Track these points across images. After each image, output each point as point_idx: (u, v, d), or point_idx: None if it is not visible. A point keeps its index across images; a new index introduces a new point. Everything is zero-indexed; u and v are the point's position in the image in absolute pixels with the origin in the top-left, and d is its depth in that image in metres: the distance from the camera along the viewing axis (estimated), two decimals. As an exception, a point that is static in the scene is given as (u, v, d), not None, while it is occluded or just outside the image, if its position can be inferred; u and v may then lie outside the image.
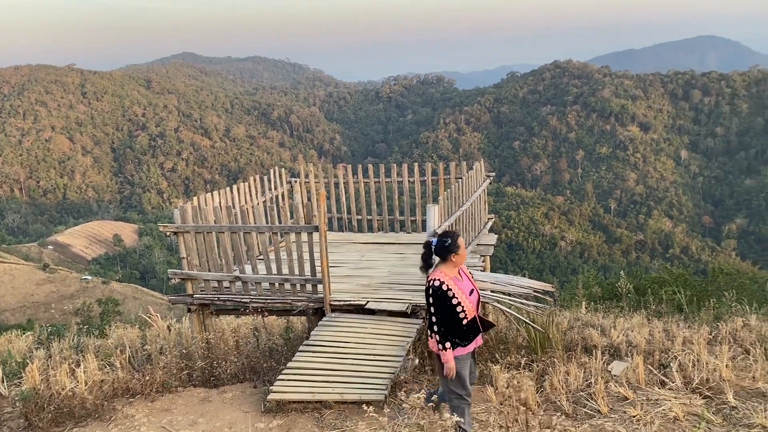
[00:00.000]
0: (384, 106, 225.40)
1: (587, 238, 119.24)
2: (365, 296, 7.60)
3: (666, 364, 6.58)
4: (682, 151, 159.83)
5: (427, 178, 10.15)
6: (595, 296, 18.33)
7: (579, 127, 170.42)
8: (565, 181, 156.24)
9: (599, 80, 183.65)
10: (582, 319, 9.71)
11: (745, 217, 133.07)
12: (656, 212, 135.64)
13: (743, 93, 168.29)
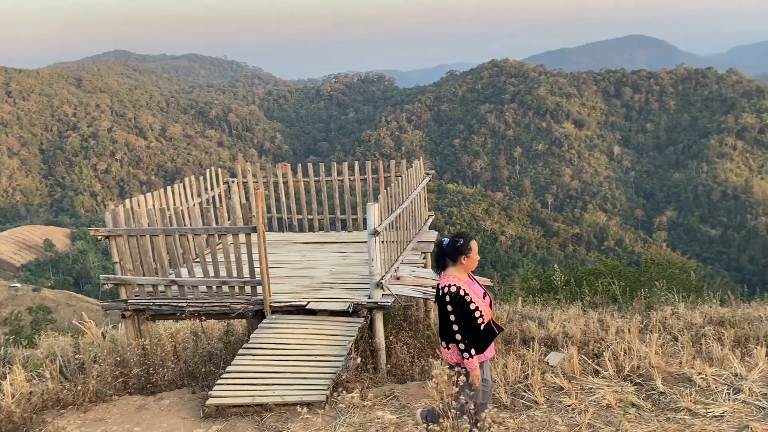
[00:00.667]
0: (325, 104, 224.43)
1: (526, 232, 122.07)
2: (306, 296, 7.54)
3: (599, 354, 6.80)
4: (614, 147, 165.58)
5: (368, 176, 10.14)
6: (534, 289, 18.78)
7: (516, 125, 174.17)
8: (504, 177, 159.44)
9: (535, 78, 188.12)
10: (521, 312, 9.93)
11: (675, 210, 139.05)
12: (591, 206, 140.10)
13: (671, 90, 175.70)
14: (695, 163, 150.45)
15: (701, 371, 6.11)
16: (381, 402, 5.89)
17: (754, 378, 5.92)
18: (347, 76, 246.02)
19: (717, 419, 5.28)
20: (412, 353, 7.24)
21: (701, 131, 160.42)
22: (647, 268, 24.30)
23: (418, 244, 9.38)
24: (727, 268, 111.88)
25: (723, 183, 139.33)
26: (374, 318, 7.17)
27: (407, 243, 8.71)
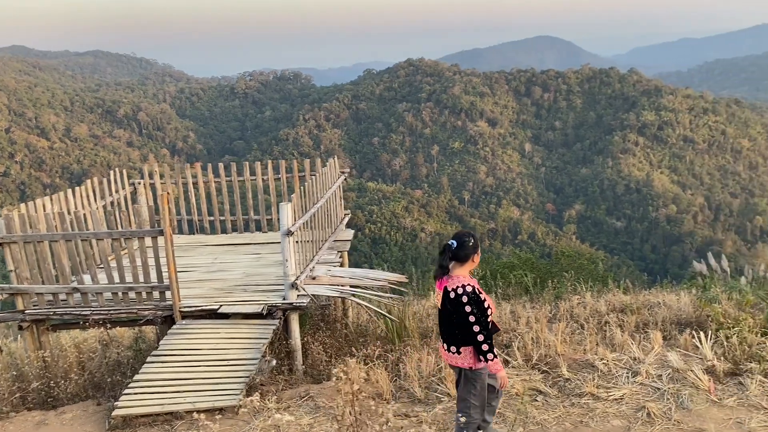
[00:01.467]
0: (240, 103, 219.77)
1: (445, 228, 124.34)
2: (218, 300, 7.36)
3: (509, 344, 7.01)
4: (526, 144, 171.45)
5: (282, 175, 10.02)
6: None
7: (433, 123, 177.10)
8: (423, 175, 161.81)
9: (450, 78, 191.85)
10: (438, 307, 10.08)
11: (583, 204, 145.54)
12: (505, 202, 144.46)
13: (577, 89, 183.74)
14: (601, 159, 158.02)
15: (603, 357, 6.43)
16: (296, 403, 5.84)
17: (651, 361, 6.29)
18: (263, 73, 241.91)
19: (617, 402, 5.57)
20: (330, 353, 7.22)
21: (606, 128, 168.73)
22: (558, 260, 25.32)
23: (334, 243, 9.35)
24: (631, 258, 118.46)
25: (626, 177, 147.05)
26: (289, 319, 7.09)
27: (323, 242, 8.67)
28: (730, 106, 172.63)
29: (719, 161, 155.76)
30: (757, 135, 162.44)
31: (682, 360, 6.25)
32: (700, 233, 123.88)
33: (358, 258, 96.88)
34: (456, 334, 4.53)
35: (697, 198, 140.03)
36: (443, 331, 4.70)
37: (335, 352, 7.22)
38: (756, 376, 5.80)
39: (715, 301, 8.15)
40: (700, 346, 6.45)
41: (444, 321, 4.65)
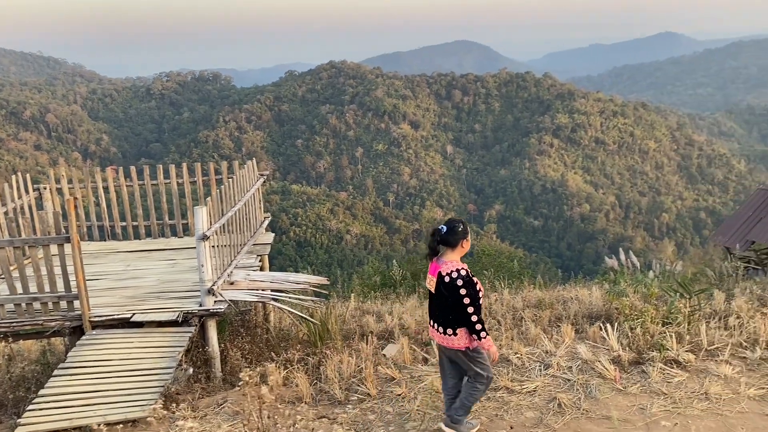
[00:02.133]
0: (157, 104, 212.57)
1: (370, 230, 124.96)
2: (131, 308, 7.09)
3: (428, 342, 7.13)
4: (447, 147, 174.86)
5: (198, 178, 9.77)
6: (376, 285, 19.25)
7: (357, 126, 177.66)
8: (348, 177, 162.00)
9: (372, 80, 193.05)
10: (362, 308, 10.13)
11: (502, 204, 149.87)
12: (429, 203, 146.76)
13: (495, 93, 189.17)
14: (519, 160, 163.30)
15: (518, 351, 6.64)
16: (213, 411, 5.71)
17: (562, 354, 6.55)
18: (180, 74, 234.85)
19: (530, 394, 5.77)
20: (250, 358, 7.10)
21: (523, 131, 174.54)
22: (479, 259, 25.97)
23: (253, 246, 9.21)
24: (549, 255, 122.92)
25: (543, 178, 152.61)
26: (207, 326, 6.93)
27: (241, 246, 8.52)
28: (637, 109, 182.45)
29: (628, 161, 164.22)
30: (662, 136, 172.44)
31: (590, 352, 6.55)
32: (612, 230, 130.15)
33: (283, 262, 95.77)
34: (450, 316, 4.71)
35: (609, 197, 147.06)
36: (437, 315, 4.86)
37: (255, 358, 7.12)
38: (657, 363, 6.15)
39: (623, 295, 8.58)
40: (608, 338, 6.77)
41: (438, 305, 4.81)
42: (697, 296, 7.81)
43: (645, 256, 52.84)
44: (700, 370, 6.08)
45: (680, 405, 5.42)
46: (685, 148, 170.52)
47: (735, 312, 7.41)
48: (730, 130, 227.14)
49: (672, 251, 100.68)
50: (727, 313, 7.44)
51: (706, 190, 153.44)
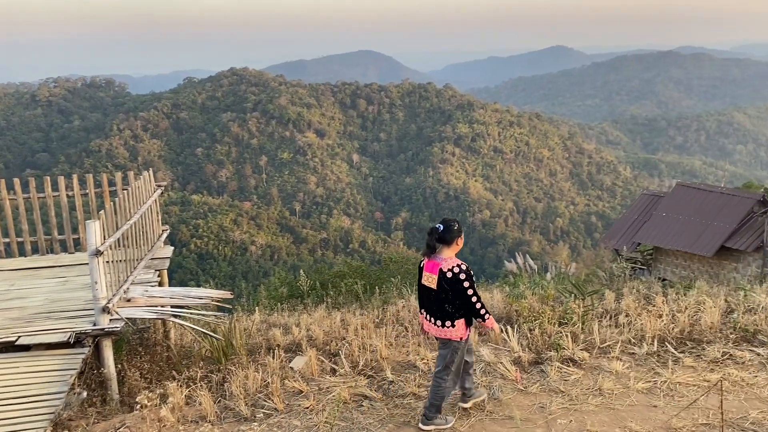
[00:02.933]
0: (44, 111, 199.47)
1: (276, 240, 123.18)
2: (16, 331, 6.60)
3: (336, 352, 7.11)
4: (353, 155, 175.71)
5: (90, 190, 9.25)
6: (282, 297, 18.98)
7: (260, 134, 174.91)
8: (252, 186, 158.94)
9: (276, 88, 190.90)
10: (268, 321, 9.95)
11: (408, 211, 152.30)
12: (336, 211, 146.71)
13: (399, 103, 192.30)
14: (423, 169, 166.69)
15: (424, 357, 6.75)
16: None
17: (466, 357, 6.73)
18: (69, 80, 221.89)
19: (437, 398, 5.87)
20: (149, 378, 6.79)
21: (426, 140, 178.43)
22: (387, 266, 26.23)
23: (151, 261, 8.83)
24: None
25: (446, 186, 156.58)
26: (102, 346, 6.55)
27: (138, 261, 8.14)
28: (532, 120, 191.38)
29: (524, 169, 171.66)
30: (555, 145, 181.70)
31: (493, 354, 6.76)
32: (511, 235, 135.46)
33: (184, 275, 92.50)
34: (449, 309, 5.14)
35: (507, 203, 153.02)
36: (434, 310, 5.24)
37: (155, 378, 6.81)
38: (554, 363, 6.45)
39: (522, 297, 8.93)
40: (508, 340, 7.02)
41: (437, 300, 5.19)
42: (590, 296, 8.27)
43: (542, 259, 55.44)
44: (594, 367, 6.42)
45: (576, 402, 5.70)
46: (576, 156, 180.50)
47: (624, 310, 7.90)
48: (617, 138, 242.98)
49: (566, 254, 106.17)
50: (617, 312, 7.92)
51: (596, 196, 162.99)
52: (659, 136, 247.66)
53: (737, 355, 6.51)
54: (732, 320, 7.49)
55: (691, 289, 9.70)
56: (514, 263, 13.40)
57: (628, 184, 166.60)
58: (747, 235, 22.98)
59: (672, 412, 5.41)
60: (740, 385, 5.87)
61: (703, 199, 24.58)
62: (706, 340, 6.99)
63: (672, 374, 6.10)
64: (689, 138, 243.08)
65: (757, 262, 22.75)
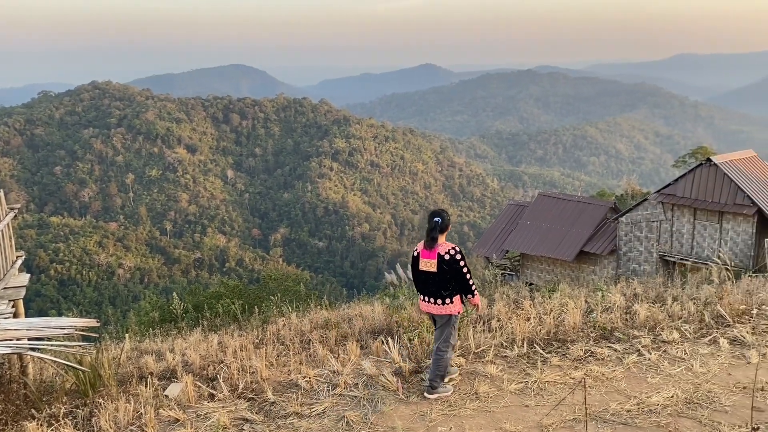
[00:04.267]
0: None
1: (146, 262, 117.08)
2: None
3: (214, 377, 6.86)
4: (228, 171, 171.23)
5: (-73, 216, 8.31)
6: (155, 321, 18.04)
7: (126, 150, 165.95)
8: (118, 206, 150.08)
9: (142, 103, 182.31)
10: (140, 348, 9.42)
11: (287, 227, 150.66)
12: (210, 229, 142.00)
13: (274, 117, 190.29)
14: (301, 184, 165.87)
15: (306, 375, 6.69)
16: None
17: (348, 372, 6.75)
18: None
19: (319, 416, 5.84)
20: (4, 419, 6.19)
21: (303, 154, 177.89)
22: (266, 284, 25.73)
23: (4, 291, 8.07)
24: (334, 275, 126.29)
25: (325, 200, 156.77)
26: (-56, 388, 5.88)
27: (-12, 291, 7.41)
28: (406, 135, 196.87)
29: (401, 182, 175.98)
30: (429, 159, 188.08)
31: (375, 366, 6.84)
32: (390, 247, 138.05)
33: (43, 304, 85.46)
34: (449, 288, 5.94)
35: (386, 216, 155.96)
36: (433, 291, 6.02)
37: (11, 418, 6.23)
38: (434, 370, 6.62)
39: (402, 308, 9.13)
40: (390, 351, 7.13)
41: (436, 281, 5.97)
42: (464, 304, 8.60)
43: (420, 269, 57.00)
44: (471, 372, 6.68)
45: (455, 407, 5.89)
46: (448, 170, 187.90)
47: (496, 315, 8.30)
48: (484, 152, 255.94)
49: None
50: (490, 317, 8.30)
51: (468, 207, 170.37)
52: (522, 150, 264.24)
53: (598, 352, 7.04)
54: (592, 319, 8.09)
55: (555, 292, 10.39)
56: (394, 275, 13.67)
57: (496, 195, 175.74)
58: (602, 239, 25.00)
59: (543, 410, 5.74)
60: (601, 380, 6.35)
61: (562, 208, 26.45)
62: (570, 339, 7.50)
63: (541, 374, 6.48)
64: (548, 151, 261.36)
65: (612, 264, 24.81)
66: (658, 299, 9.25)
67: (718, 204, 21.58)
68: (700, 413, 5.50)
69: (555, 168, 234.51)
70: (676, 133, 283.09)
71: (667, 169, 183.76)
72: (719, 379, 6.21)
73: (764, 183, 22.34)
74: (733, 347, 7.08)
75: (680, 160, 51.26)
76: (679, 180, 22.81)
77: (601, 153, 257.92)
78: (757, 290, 9.34)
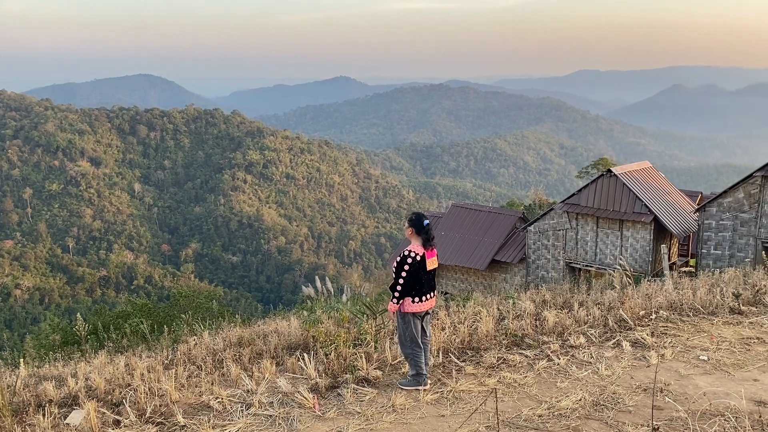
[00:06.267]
0: None
1: (47, 282, 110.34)
2: None
3: (120, 401, 6.51)
4: (135, 185, 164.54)
5: None
6: (55, 345, 17.00)
7: (23, 163, 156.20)
8: (14, 222, 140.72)
9: (41, 113, 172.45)
10: (38, 374, 8.84)
11: (199, 242, 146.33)
12: (117, 246, 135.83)
13: (184, 129, 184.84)
14: (213, 197, 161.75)
15: (218, 395, 6.46)
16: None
17: (263, 390, 6.58)
18: None
19: (233, 438, 5.65)
20: None
21: (215, 167, 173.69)
22: (177, 301, 24.80)
23: None
24: (249, 290, 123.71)
25: (239, 213, 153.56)
26: None
27: None
28: (321, 147, 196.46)
29: (317, 195, 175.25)
30: (345, 171, 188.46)
31: (290, 383, 6.70)
32: (307, 260, 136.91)
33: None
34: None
35: (302, 228, 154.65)
36: (433, 285, 6.59)
37: None
38: (350, 385, 6.58)
39: (319, 322, 9.02)
40: (305, 367, 7.02)
41: (432, 278, 6.55)
42: (381, 315, 8.62)
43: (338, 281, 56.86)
44: (387, 385, 6.68)
45: (372, 421, 5.86)
46: (364, 182, 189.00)
47: (412, 327, 8.34)
48: (399, 164, 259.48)
49: (359, 275, 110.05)
50: (406, 329, 8.33)
51: (384, 218, 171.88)
52: (436, 162, 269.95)
53: (510, 359, 7.22)
54: (503, 327, 8.31)
55: (469, 300, 10.61)
56: (311, 288, 13.51)
57: (411, 206, 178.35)
58: (512, 248, 25.84)
59: (458, 420, 5.81)
60: (513, 386, 6.51)
61: (475, 218, 27.16)
62: (483, 347, 7.67)
63: (456, 383, 6.57)
64: (461, 163, 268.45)
65: (522, 272, 25.68)
66: (565, 305, 9.63)
67: (619, 213, 22.84)
68: (606, 414, 5.74)
69: (467, 179, 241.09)
70: (579, 146, 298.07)
71: (572, 179, 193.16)
72: (623, 381, 6.52)
73: (659, 192, 23.87)
74: (635, 349, 7.46)
75: (583, 170, 54.02)
76: (582, 190, 23.97)
77: (510, 165, 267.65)
78: (655, 294, 9.91)
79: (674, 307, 9.07)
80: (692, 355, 7.20)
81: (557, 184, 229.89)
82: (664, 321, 8.45)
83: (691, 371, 6.73)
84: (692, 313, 8.85)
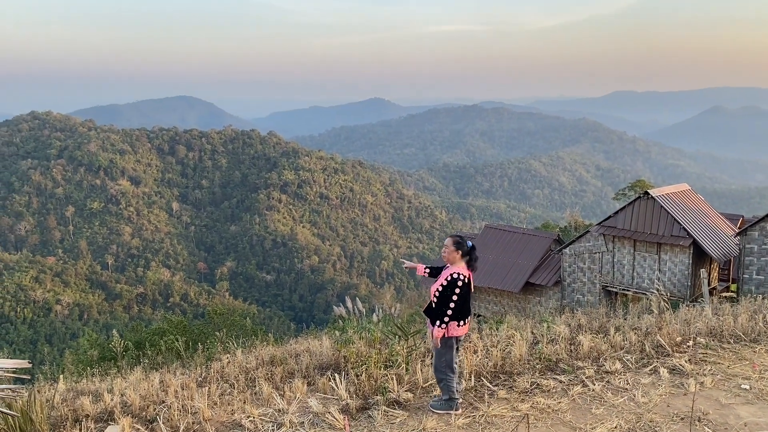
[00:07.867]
0: None
1: (86, 298, 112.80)
2: None
3: (154, 418, 6.60)
4: (173, 203, 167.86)
5: None
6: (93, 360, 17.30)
7: (67, 182, 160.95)
8: (57, 239, 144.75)
9: (84, 134, 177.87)
10: (76, 389, 9.02)
11: (234, 260, 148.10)
12: (154, 264, 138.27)
13: (221, 149, 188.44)
14: (248, 216, 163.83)
15: (250, 414, 6.50)
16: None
17: (294, 410, 6.60)
18: None
19: (265, 457, 5.66)
20: None
21: (251, 186, 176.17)
22: (211, 319, 25.07)
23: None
24: (282, 309, 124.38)
25: (273, 232, 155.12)
26: None
27: None
28: (355, 167, 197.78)
29: (350, 215, 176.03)
30: (378, 191, 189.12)
31: (321, 404, 6.71)
32: (340, 279, 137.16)
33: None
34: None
35: (335, 248, 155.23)
36: (470, 310, 6.41)
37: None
38: (381, 407, 6.55)
39: (351, 342, 9.02)
40: (336, 388, 7.02)
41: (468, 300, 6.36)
42: (413, 337, 8.58)
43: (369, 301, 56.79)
44: (418, 408, 6.63)
45: (403, 444, 5.82)
46: (397, 202, 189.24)
47: (443, 349, 8.27)
48: (432, 184, 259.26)
49: (391, 296, 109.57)
50: (438, 351, 8.27)
51: (417, 238, 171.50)
52: (469, 182, 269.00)
53: (543, 384, 7.11)
54: (537, 351, 8.19)
55: (502, 323, 10.49)
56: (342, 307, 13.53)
57: (444, 226, 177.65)
58: (547, 271, 25.50)
59: (490, 443, 5.73)
60: (547, 412, 6.40)
61: (508, 240, 26.91)
62: (517, 371, 7.56)
63: (488, 407, 6.49)
64: (494, 184, 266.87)
65: (556, 295, 25.29)
66: (601, 330, 9.45)
67: (656, 236, 22.38)
68: (643, 443, 5.59)
69: (501, 200, 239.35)
70: (616, 167, 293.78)
71: (608, 201, 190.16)
72: (660, 409, 6.35)
73: (698, 215, 23.34)
74: (673, 377, 7.27)
75: (620, 192, 53.16)
76: (619, 212, 23.60)
77: (545, 186, 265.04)
78: (694, 320, 9.66)
79: (714, 334, 8.82)
80: (733, 384, 6.98)
81: (593, 206, 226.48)
82: (704, 348, 8.22)
83: (732, 400, 6.52)
84: (733, 340, 8.59)
